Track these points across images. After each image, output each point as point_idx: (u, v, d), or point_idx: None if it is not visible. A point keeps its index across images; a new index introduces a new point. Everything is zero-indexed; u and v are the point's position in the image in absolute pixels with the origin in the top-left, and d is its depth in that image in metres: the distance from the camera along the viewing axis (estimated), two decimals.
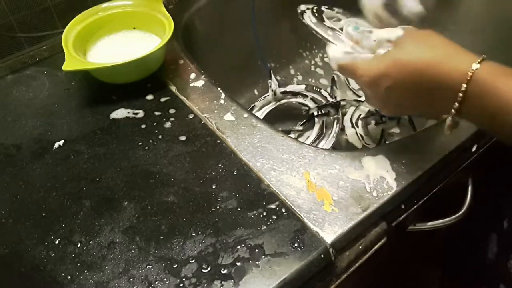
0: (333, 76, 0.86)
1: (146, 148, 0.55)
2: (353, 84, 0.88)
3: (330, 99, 0.77)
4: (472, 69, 0.39)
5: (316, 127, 0.72)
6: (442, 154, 0.52)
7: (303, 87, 0.81)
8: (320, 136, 0.70)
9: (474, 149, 0.56)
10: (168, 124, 0.58)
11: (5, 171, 0.54)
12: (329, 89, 0.83)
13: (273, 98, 0.80)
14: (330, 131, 0.70)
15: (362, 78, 0.47)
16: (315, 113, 0.73)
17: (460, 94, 0.39)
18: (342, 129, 0.74)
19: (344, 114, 0.77)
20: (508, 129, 0.39)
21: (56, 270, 0.44)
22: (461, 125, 0.55)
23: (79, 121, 0.60)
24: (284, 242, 0.44)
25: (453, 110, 0.41)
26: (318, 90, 0.81)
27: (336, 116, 0.72)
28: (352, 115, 0.77)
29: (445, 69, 0.40)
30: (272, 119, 0.79)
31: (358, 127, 0.74)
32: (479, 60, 0.39)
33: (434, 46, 0.42)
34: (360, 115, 0.77)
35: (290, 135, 0.58)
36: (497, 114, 0.39)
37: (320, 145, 0.69)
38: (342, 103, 0.79)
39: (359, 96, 0.82)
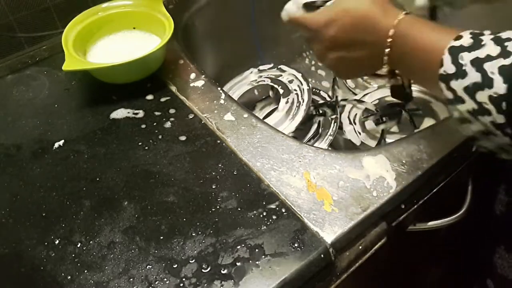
0: (334, 76, 0.86)
1: (146, 148, 0.55)
2: (352, 83, 0.88)
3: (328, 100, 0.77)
4: (397, 19, 0.44)
5: (313, 127, 0.72)
6: (442, 154, 0.52)
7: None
8: (316, 136, 0.70)
9: (474, 149, 0.56)
10: (168, 124, 0.58)
11: (5, 171, 0.54)
12: (327, 87, 0.83)
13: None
14: (327, 131, 0.70)
15: (310, 29, 0.51)
16: (313, 113, 0.73)
17: (388, 40, 0.45)
18: (340, 127, 0.74)
19: (341, 113, 0.77)
20: (425, 72, 0.43)
21: (56, 270, 0.44)
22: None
23: (79, 121, 0.60)
24: (284, 242, 0.44)
25: (385, 57, 0.46)
26: (318, 91, 0.81)
27: (333, 116, 0.72)
28: (349, 112, 0.77)
29: (379, 18, 0.45)
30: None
31: (356, 124, 0.75)
32: (405, 12, 0.45)
33: (373, 1, 0.47)
34: (358, 113, 0.77)
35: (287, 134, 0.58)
36: (414, 57, 0.44)
37: (316, 145, 0.69)
38: (341, 102, 0.79)
39: (356, 95, 0.82)
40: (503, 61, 0.36)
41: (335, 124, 0.71)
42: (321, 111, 0.74)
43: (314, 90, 0.80)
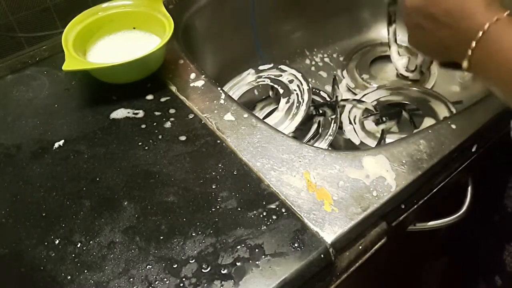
0: (334, 76, 0.86)
1: (146, 148, 0.55)
2: (352, 83, 0.88)
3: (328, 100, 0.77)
4: (491, 20, 0.40)
5: (313, 127, 0.72)
6: (442, 154, 0.52)
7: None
8: (316, 136, 0.70)
9: (474, 149, 0.56)
10: (168, 124, 0.58)
11: (5, 171, 0.54)
12: (327, 88, 0.83)
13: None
14: (327, 131, 0.70)
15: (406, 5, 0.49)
16: (313, 113, 0.73)
17: (474, 42, 0.41)
18: (340, 127, 0.74)
19: (341, 113, 0.77)
20: (507, 86, 0.40)
21: (56, 270, 0.44)
22: (461, 125, 0.55)
23: (79, 121, 0.60)
24: (284, 242, 0.44)
25: (465, 60, 0.43)
26: (318, 91, 0.81)
27: (333, 116, 0.72)
28: (349, 112, 0.77)
29: (471, 16, 0.42)
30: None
31: (356, 123, 0.75)
32: (500, 14, 0.41)
33: None
34: (358, 113, 0.77)
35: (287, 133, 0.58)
36: (501, 65, 0.40)
37: (316, 145, 0.69)
38: (341, 102, 0.79)
39: (356, 95, 0.82)
40: None
41: (335, 124, 0.71)
42: (321, 111, 0.74)
43: (314, 90, 0.80)
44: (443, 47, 0.46)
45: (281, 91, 0.74)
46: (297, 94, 0.72)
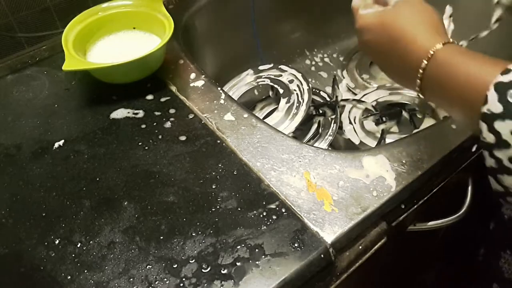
0: (334, 76, 0.86)
1: (146, 148, 0.55)
2: (352, 83, 0.88)
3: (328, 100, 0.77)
4: (434, 48, 0.41)
5: (313, 127, 0.72)
6: (442, 154, 0.52)
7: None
8: (316, 136, 0.70)
9: (474, 149, 0.56)
10: (168, 124, 0.58)
11: (5, 171, 0.54)
12: (327, 88, 0.83)
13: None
14: (327, 131, 0.70)
15: (356, 23, 0.50)
16: (313, 113, 0.73)
17: (420, 71, 0.41)
18: (340, 127, 0.74)
19: (341, 113, 0.77)
20: (462, 106, 0.39)
21: (56, 270, 0.44)
22: (461, 125, 0.55)
23: (79, 121, 0.60)
24: (284, 242, 0.44)
25: (416, 87, 0.43)
26: (318, 91, 0.81)
27: (333, 116, 0.72)
28: (349, 112, 0.77)
29: (415, 45, 0.43)
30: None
31: (356, 123, 0.75)
32: (444, 42, 0.41)
33: (420, 21, 0.44)
34: (358, 113, 0.77)
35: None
36: (451, 90, 0.40)
37: (316, 145, 0.69)
38: (341, 102, 0.79)
39: (356, 95, 0.82)
40: None
41: (335, 124, 0.71)
42: (321, 111, 0.74)
43: (314, 90, 0.80)
44: (395, 71, 0.47)
45: (281, 91, 0.74)
46: (297, 94, 0.73)
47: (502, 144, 0.34)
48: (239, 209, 0.48)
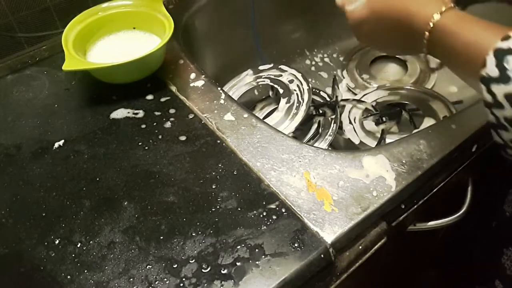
0: (334, 76, 0.86)
1: (146, 148, 0.55)
2: (352, 83, 0.88)
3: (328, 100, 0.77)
4: (433, 19, 0.43)
5: (313, 127, 0.72)
6: (442, 154, 0.52)
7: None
8: (316, 136, 0.70)
9: (474, 149, 0.56)
10: (168, 124, 0.58)
11: (5, 171, 0.54)
12: (327, 90, 0.83)
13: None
14: (327, 131, 0.70)
15: (348, 21, 0.52)
16: (313, 113, 0.73)
17: (425, 41, 0.45)
18: (340, 126, 0.74)
19: (341, 113, 0.77)
20: (465, 69, 0.43)
21: (56, 270, 0.44)
22: (461, 125, 0.55)
23: (79, 121, 0.60)
24: (284, 242, 0.44)
25: (423, 53, 0.46)
26: (318, 91, 0.81)
27: (333, 116, 0.72)
28: (349, 112, 0.77)
29: (414, 19, 0.45)
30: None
31: (355, 123, 0.75)
32: (441, 10, 0.43)
33: None
34: (358, 113, 0.77)
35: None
36: (456, 54, 0.42)
37: (316, 145, 0.69)
38: (341, 102, 0.79)
39: (356, 95, 0.82)
40: None
41: (335, 124, 0.71)
42: (321, 111, 0.74)
43: (314, 90, 0.80)
44: (402, 48, 0.50)
45: (281, 91, 0.74)
46: (297, 94, 0.73)
47: (497, 104, 0.37)
48: (239, 209, 0.48)
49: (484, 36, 0.39)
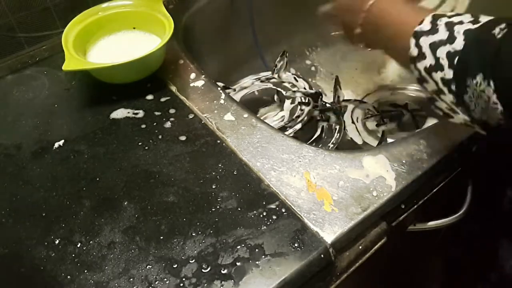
0: (336, 76, 0.85)
1: (146, 148, 0.55)
2: (353, 84, 0.88)
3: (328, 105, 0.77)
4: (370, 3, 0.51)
5: (317, 133, 0.71)
6: (442, 154, 0.52)
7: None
8: (318, 141, 0.70)
9: (474, 149, 0.56)
10: (168, 124, 0.58)
11: (5, 171, 0.54)
12: (328, 89, 0.83)
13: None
14: (330, 139, 0.69)
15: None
16: (317, 118, 0.73)
17: (363, 14, 0.52)
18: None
19: (344, 112, 0.76)
20: (393, 52, 0.51)
21: (56, 270, 0.44)
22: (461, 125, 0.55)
23: (79, 121, 0.60)
24: (284, 242, 0.44)
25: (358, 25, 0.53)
26: (319, 93, 0.80)
27: (337, 126, 0.71)
28: (352, 112, 0.77)
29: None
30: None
31: (358, 122, 0.75)
32: None
33: None
34: (360, 114, 0.77)
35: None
36: (382, 31, 0.50)
37: None
38: (343, 103, 0.79)
39: (358, 95, 0.82)
40: (449, 46, 0.41)
41: (339, 133, 0.70)
42: (324, 117, 0.73)
43: (316, 92, 0.80)
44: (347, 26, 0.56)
45: (284, 93, 0.74)
46: (299, 97, 0.72)
47: (422, 79, 0.45)
48: (239, 209, 0.48)
49: (409, 20, 0.46)
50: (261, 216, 0.47)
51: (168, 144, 0.55)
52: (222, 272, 0.43)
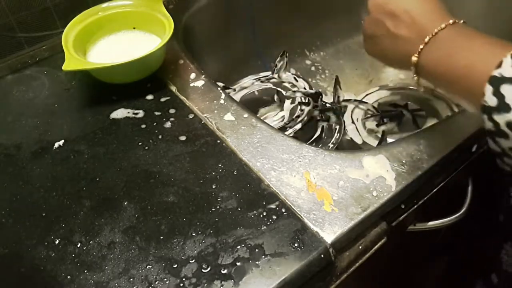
0: (336, 76, 0.86)
1: (146, 148, 0.55)
2: (352, 85, 0.88)
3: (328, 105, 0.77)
4: (436, 30, 0.43)
5: (317, 133, 0.71)
6: (442, 154, 0.52)
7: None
8: (318, 141, 0.70)
9: (474, 149, 0.56)
10: (168, 124, 0.58)
11: (5, 171, 0.54)
12: (328, 88, 0.83)
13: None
14: (330, 139, 0.69)
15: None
16: (317, 118, 0.73)
17: (421, 46, 0.44)
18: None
19: (344, 112, 0.76)
20: (462, 95, 0.42)
21: (56, 270, 0.44)
22: (461, 125, 0.55)
23: (79, 121, 0.60)
24: (284, 242, 0.44)
25: (413, 57, 0.45)
26: (319, 93, 0.80)
27: (337, 126, 0.71)
28: (352, 112, 0.77)
29: (423, 19, 0.45)
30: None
31: (357, 122, 0.74)
32: (448, 23, 0.43)
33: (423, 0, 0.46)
34: (360, 113, 0.77)
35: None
36: (446, 71, 0.42)
37: None
38: (343, 103, 0.79)
39: (358, 95, 0.82)
40: None
41: (339, 134, 0.70)
42: (324, 117, 0.73)
43: (316, 92, 0.80)
44: (398, 47, 0.47)
45: (284, 93, 0.74)
46: (299, 96, 0.72)
47: (501, 133, 0.37)
48: (239, 209, 0.48)
49: (481, 59, 0.38)
50: (261, 216, 0.47)
51: (168, 144, 0.55)
52: (222, 272, 0.43)
